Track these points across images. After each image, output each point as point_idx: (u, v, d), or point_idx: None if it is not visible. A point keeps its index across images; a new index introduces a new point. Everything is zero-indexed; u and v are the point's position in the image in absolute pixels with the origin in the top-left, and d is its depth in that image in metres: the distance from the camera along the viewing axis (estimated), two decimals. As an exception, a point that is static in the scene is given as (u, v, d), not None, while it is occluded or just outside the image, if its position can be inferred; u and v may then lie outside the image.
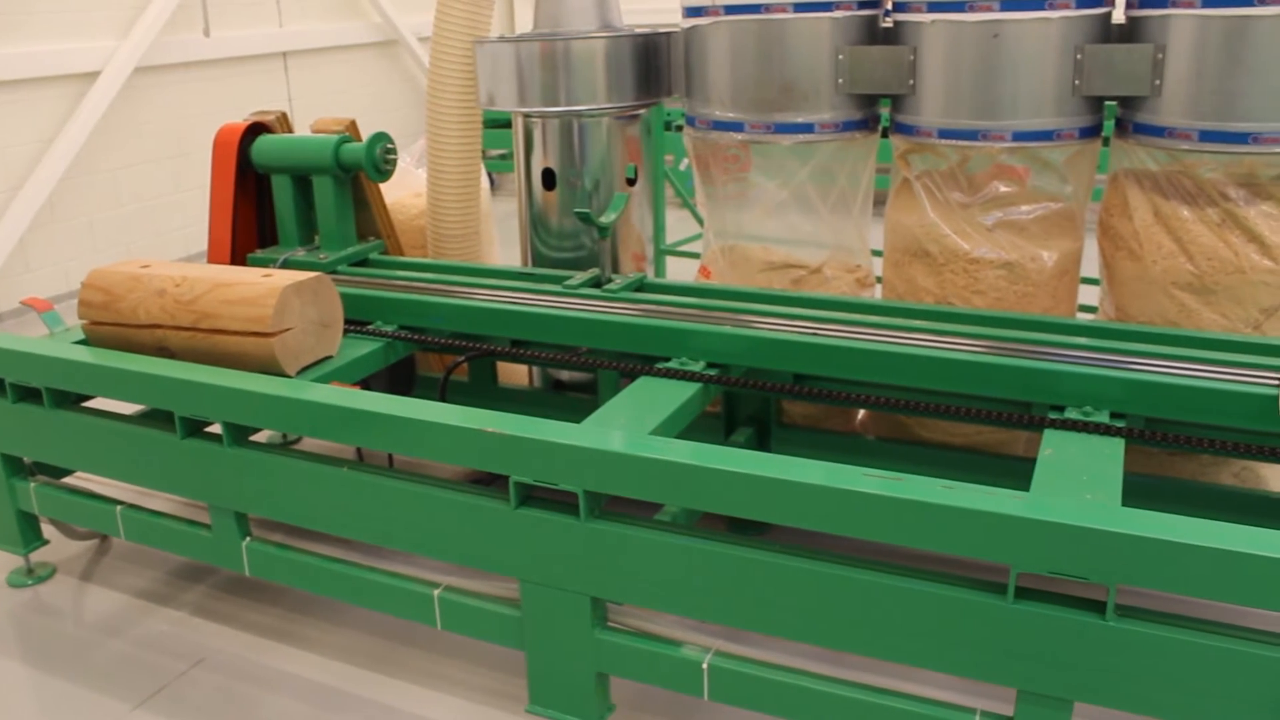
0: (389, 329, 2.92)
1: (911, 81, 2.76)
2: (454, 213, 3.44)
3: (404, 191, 3.79)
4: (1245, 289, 2.55)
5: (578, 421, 2.25)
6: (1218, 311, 2.59)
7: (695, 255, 3.43)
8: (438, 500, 2.30)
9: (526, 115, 3.17)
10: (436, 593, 2.38)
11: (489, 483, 2.47)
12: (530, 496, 2.21)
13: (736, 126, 2.93)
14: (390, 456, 3.11)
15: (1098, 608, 1.81)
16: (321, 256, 3.25)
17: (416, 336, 2.89)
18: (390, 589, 2.45)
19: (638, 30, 3.13)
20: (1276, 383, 2.17)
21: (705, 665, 2.11)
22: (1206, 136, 2.52)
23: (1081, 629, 1.81)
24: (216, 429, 2.53)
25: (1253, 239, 2.52)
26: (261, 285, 2.57)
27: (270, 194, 3.37)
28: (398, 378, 3.23)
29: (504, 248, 4.25)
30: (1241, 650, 1.74)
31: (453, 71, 3.30)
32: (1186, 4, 2.48)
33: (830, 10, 2.82)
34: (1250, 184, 2.52)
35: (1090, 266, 2.90)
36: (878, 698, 2.02)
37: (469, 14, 3.26)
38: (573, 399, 3.27)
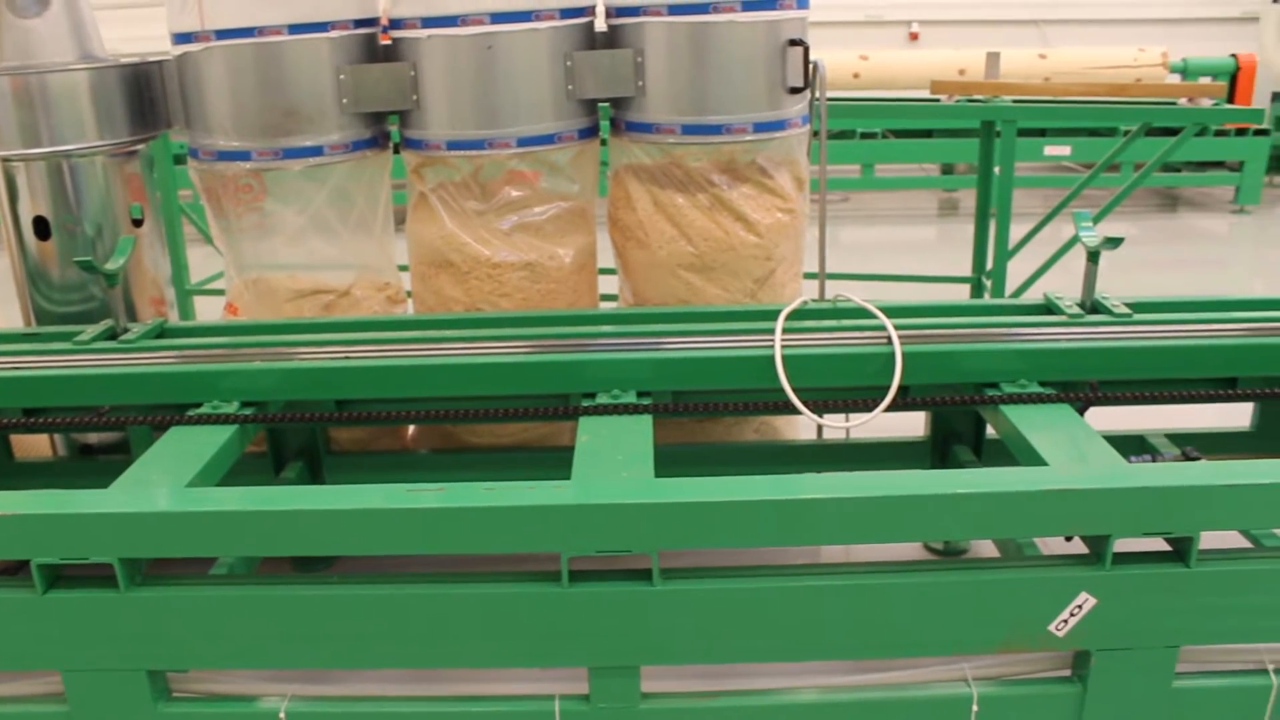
0: None
1: (415, 96, 2.79)
2: (-67, 276, 3.06)
3: None
4: (738, 264, 2.82)
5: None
6: (719, 286, 2.85)
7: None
8: (-52, 603, 2.05)
9: (5, 159, 2.87)
10: (-39, 708, 2.13)
11: (17, 570, 2.23)
12: (60, 577, 2.02)
13: (243, 155, 2.82)
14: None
15: (646, 576, 1.94)
16: None
17: (-101, 422, 2.55)
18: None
19: (124, 60, 2.92)
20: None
21: (282, 714, 2.04)
22: (688, 130, 2.76)
23: (634, 599, 1.94)
24: None
25: (739, 219, 2.79)
26: None
27: None
28: (-114, 471, 2.83)
29: (3, 307, 3.83)
30: (775, 586, 1.95)
31: (-92, 116, 2.91)
32: (655, 12, 2.70)
33: (326, 30, 2.79)
34: (730, 169, 2.79)
35: (605, 258, 3.09)
36: (461, 705, 2.07)
37: (-82, 47, 2.89)
38: (104, 463, 3.00)
